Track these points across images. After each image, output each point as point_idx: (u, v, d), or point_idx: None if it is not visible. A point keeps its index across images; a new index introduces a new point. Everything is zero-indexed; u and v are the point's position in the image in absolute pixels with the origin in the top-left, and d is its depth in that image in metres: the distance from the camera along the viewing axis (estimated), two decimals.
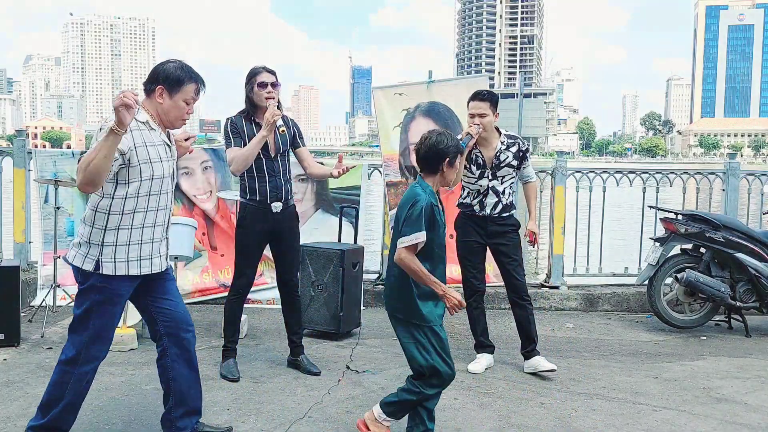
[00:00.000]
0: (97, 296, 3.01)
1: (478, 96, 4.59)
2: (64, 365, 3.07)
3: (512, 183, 4.74)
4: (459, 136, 4.39)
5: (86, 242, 3.00)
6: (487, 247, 4.73)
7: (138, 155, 2.95)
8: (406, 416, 3.32)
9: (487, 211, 4.64)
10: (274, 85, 4.21)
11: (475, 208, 4.68)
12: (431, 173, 3.21)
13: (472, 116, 4.53)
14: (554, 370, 4.48)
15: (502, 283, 4.81)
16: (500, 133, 4.69)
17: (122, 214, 2.98)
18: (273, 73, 4.25)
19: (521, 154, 4.72)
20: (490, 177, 4.64)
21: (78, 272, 3.04)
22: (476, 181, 4.65)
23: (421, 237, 3.07)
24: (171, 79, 3.03)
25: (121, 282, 3.03)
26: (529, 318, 4.64)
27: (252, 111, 4.27)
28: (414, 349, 3.21)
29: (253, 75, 4.22)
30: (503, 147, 4.65)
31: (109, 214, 2.97)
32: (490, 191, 4.64)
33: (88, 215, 3.03)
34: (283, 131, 4.19)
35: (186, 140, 3.45)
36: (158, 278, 3.18)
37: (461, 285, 4.82)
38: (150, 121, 3.04)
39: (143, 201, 3.01)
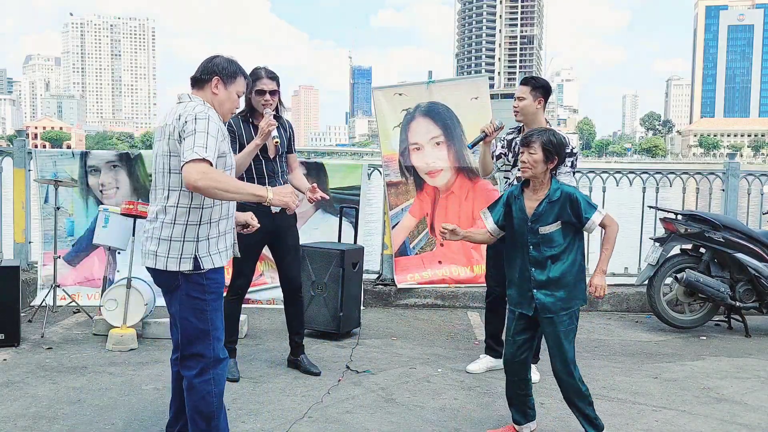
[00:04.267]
0: (209, 295, 2.93)
1: (523, 80, 4.47)
2: (198, 377, 2.94)
3: None
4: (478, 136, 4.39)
5: (177, 241, 2.88)
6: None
7: (224, 148, 2.94)
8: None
9: None
10: (273, 93, 4.20)
11: None
12: None
13: (514, 98, 4.38)
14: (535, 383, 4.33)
15: None
16: (549, 123, 4.43)
17: (203, 207, 2.91)
18: (274, 77, 4.23)
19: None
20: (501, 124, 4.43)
21: (170, 278, 2.91)
22: (510, 169, 4.45)
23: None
24: (227, 71, 3.02)
25: (220, 272, 2.99)
26: None
27: (250, 112, 4.27)
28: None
29: (254, 79, 4.19)
30: None
31: (177, 206, 2.88)
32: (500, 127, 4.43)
33: (171, 214, 2.89)
34: (276, 143, 4.21)
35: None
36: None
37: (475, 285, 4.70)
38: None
39: None
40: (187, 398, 2.96)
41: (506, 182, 4.52)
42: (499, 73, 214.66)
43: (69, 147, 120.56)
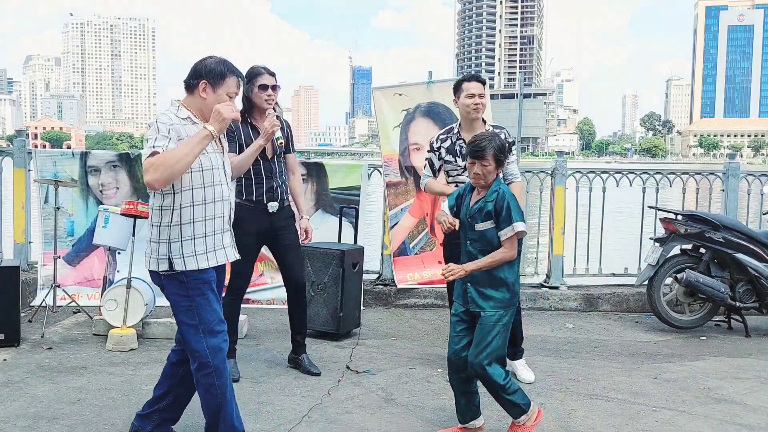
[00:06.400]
0: (195, 293, 3.01)
1: (476, 77, 4.48)
2: (199, 372, 3.05)
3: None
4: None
5: (155, 242, 3.01)
6: None
7: None
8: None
9: None
10: (275, 88, 4.21)
11: None
12: None
13: (473, 95, 4.36)
14: (531, 383, 4.38)
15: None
16: (485, 122, 4.54)
17: (181, 208, 2.99)
18: (273, 75, 4.25)
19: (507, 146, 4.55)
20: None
21: (157, 277, 3.05)
22: (461, 173, 4.45)
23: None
24: (214, 74, 3.04)
25: (200, 272, 3.03)
26: (516, 319, 4.50)
27: (248, 111, 4.27)
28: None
29: (254, 75, 4.21)
30: None
31: (162, 208, 2.99)
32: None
33: (152, 216, 3.04)
34: (281, 144, 4.22)
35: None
36: (219, 273, 3.21)
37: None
38: (192, 117, 3.05)
39: (198, 194, 3.01)
40: (199, 395, 3.09)
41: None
42: (499, 73, 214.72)
43: (69, 147, 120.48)
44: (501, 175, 3.47)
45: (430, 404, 3.99)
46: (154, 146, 2.85)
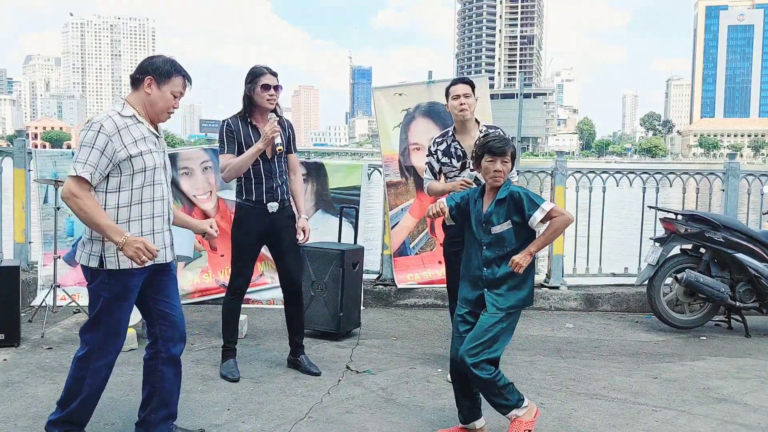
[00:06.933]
0: (105, 293, 3.04)
1: (462, 80, 4.54)
2: (79, 361, 3.12)
3: None
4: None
5: (89, 239, 3.03)
6: None
7: (128, 150, 2.97)
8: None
9: None
10: (277, 88, 4.21)
11: None
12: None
13: (458, 96, 4.43)
14: None
15: None
16: (479, 123, 4.59)
17: (118, 207, 3.01)
18: (276, 75, 4.25)
19: None
20: (471, 167, 4.52)
21: (86, 271, 3.08)
22: (458, 174, 4.51)
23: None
24: (160, 71, 3.07)
25: (128, 276, 3.04)
26: None
27: (249, 111, 4.27)
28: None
29: (256, 75, 4.20)
30: (481, 135, 4.58)
31: (105, 208, 2.99)
32: (474, 183, 4.51)
33: None
34: (280, 150, 4.22)
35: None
36: (163, 273, 3.21)
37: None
38: (137, 115, 3.07)
39: (137, 193, 3.03)
40: (68, 377, 3.16)
41: (469, 176, 4.53)
42: (499, 73, 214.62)
43: (69, 147, 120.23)
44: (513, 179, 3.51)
45: (430, 404, 3.99)
46: (86, 163, 2.88)
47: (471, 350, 3.27)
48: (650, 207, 6.27)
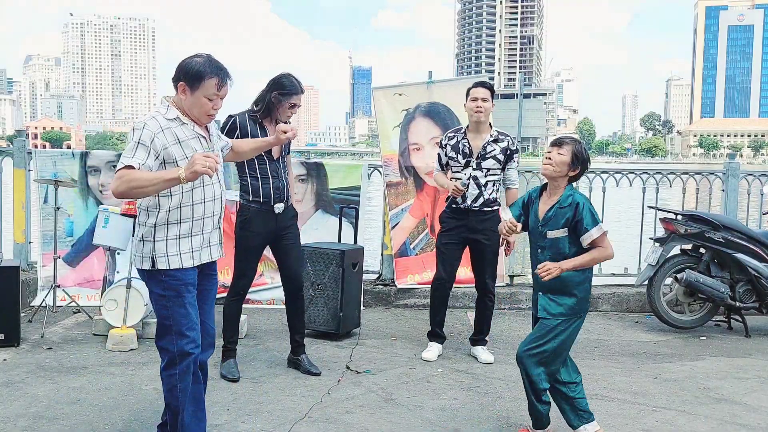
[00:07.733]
0: (163, 293, 3.04)
1: (482, 84, 4.84)
2: (164, 371, 3.08)
3: (496, 181, 4.81)
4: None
5: (140, 241, 3.06)
6: (467, 246, 4.86)
7: (174, 153, 2.96)
8: None
9: (468, 202, 4.74)
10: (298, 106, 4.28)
11: (457, 199, 4.76)
12: None
13: (476, 99, 4.73)
14: (491, 363, 4.76)
15: (504, 283, 4.86)
16: (491, 126, 4.84)
17: (169, 210, 3.01)
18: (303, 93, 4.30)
19: (509, 152, 4.82)
20: (474, 166, 4.75)
21: (142, 274, 3.10)
22: (461, 170, 4.78)
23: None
24: (191, 75, 2.99)
25: (180, 273, 3.04)
26: (487, 314, 4.94)
27: (264, 112, 4.23)
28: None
29: (290, 93, 4.17)
30: (491, 139, 4.79)
31: (159, 210, 3.01)
32: (472, 182, 4.73)
33: (141, 214, 3.09)
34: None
35: (284, 133, 3.67)
36: (208, 279, 3.23)
37: (474, 286, 4.99)
38: (180, 117, 3.05)
39: (187, 196, 3.03)
40: (163, 392, 3.12)
41: (462, 183, 4.77)
42: (499, 73, 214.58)
43: (69, 147, 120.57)
44: (574, 184, 3.40)
45: (430, 404, 3.99)
46: (132, 157, 2.87)
47: (528, 350, 3.36)
48: (650, 207, 6.27)
